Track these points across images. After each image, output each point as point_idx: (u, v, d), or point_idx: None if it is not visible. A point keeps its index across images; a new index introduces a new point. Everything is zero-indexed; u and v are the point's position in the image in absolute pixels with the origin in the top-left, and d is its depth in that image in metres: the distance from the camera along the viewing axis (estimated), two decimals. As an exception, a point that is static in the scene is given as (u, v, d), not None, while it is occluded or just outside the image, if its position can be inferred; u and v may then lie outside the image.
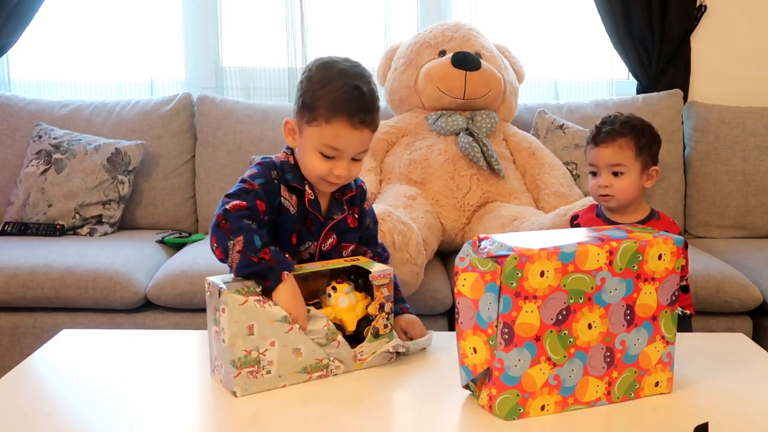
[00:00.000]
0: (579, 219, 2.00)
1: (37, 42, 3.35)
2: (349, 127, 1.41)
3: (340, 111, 1.41)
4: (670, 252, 1.26)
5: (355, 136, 1.43)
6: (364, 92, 1.43)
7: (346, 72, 1.45)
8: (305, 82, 1.46)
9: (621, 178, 1.83)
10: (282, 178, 1.48)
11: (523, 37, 3.32)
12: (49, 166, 2.93)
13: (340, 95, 1.41)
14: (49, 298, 2.48)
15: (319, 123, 1.42)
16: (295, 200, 1.49)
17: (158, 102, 3.17)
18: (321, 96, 1.42)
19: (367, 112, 1.43)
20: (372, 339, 1.39)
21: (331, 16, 3.35)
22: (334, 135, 1.42)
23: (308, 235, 1.51)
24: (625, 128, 1.83)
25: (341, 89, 1.41)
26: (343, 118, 1.41)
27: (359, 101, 1.42)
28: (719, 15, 3.27)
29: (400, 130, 2.89)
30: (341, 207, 1.54)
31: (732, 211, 3.06)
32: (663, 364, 1.30)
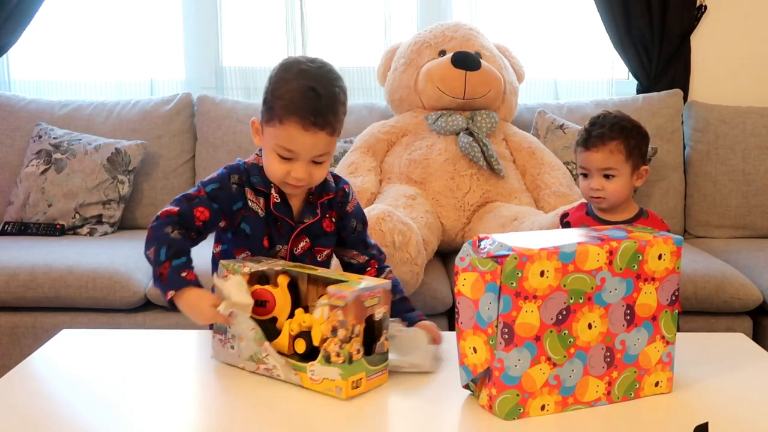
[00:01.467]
0: (569, 217, 2.01)
1: (37, 42, 3.35)
2: (301, 129, 1.38)
3: (292, 112, 1.38)
4: (670, 252, 1.26)
5: (308, 138, 1.39)
6: (320, 94, 1.40)
7: (306, 73, 1.42)
8: (267, 82, 1.46)
9: (612, 180, 1.83)
10: (247, 181, 1.48)
11: (523, 36, 3.32)
12: (49, 166, 2.93)
13: (294, 96, 1.39)
14: (49, 297, 2.48)
15: (275, 123, 1.41)
16: (263, 203, 1.49)
17: (158, 102, 3.17)
18: (278, 96, 1.41)
19: (320, 115, 1.39)
20: (323, 362, 1.25)
21: (331, 15, 3.36)
22: (287, 136, 1.40)
23: (278, 238, 1.50)
24: (615, 131, 1.83)
25: (296, 90, 1.39)
26: (294, 119, 1.38)
27: (313, 103, 1.39)
28: (719, 15, 3.27)
29: (400, 129, 2.89)
30: (314, 210, 1.52)
31: (732, 211, 3.05)
32: (663, 364, 1.30)
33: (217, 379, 1.37)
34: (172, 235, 1.41)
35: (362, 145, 2.85)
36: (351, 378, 1.25)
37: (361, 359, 1.26)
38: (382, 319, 1.28)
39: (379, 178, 2.81)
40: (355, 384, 1.26)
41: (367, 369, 1.27)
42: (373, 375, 1.28)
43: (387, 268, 1.62)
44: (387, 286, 1.30)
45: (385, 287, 1.29)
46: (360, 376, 1.26)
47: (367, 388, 1.28)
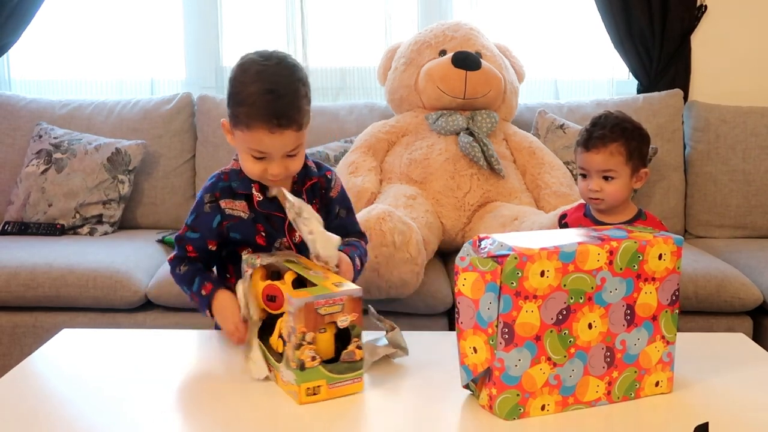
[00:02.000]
0: (567, 218, 2.00)
1: (37, 41, 3.35)
2: (267, 132, 1.40)
3: (256, 118, 1.40)
4: (670, 252, 1.26)
5: (276, 139, 1.41)
6: (280, 95, 1.40)
7: (263, 74, 1.42)
8: (229, 84, 1.47)
9: (611, 182, 1.82)
10: (223, 194, 1.52)
11: (524, 36, 3.32)
12: (49, 166, 2.93)
13: (255, 101, 1.40)
14: (50, 297, 2.48)
15: (242, 128, 1.43)
16: (245, 205, 1.52)
17: (159, 101, 3.17)
18: (239, 102, 1.42)
19: (283, 116, 1.39)
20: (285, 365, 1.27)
21: (332, 15, 3.36)
22: (256, 140, 1.42)
23: (274, 232, 1.53)
24: (616, 133, 1.82)
25: (255, 95, 1.40)
26: (259, 124, 1.40)
27: (274, 106, 1.39)
28: (719, 15, 3.27)
29: (401, 129, 2.89)
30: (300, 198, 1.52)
31: (732, 211, 3.05)
32: (663, 364, 1.30)
33: (218, 379, 1.37)
34: (181, 272, 1.56)
35: (362, 145, 2.84)
36: (304, 384, 1.24)
37: (317, 367, 1.24)
38: (350, 327, 1.25)
39: (379, 177, 2.81)
40: (311, 391, 1.25)
41: (327, 377, 1.25)
42: (338, 383, 1.26)
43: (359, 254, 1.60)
44: (355, 293, 1.25)
45: (352, 294, 1.25)
46: (317, 383, 1.25)
47: (330, 396, 1.26)
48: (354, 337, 1.26)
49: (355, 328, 1.25)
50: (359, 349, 1.27)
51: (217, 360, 1.49)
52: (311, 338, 1.23)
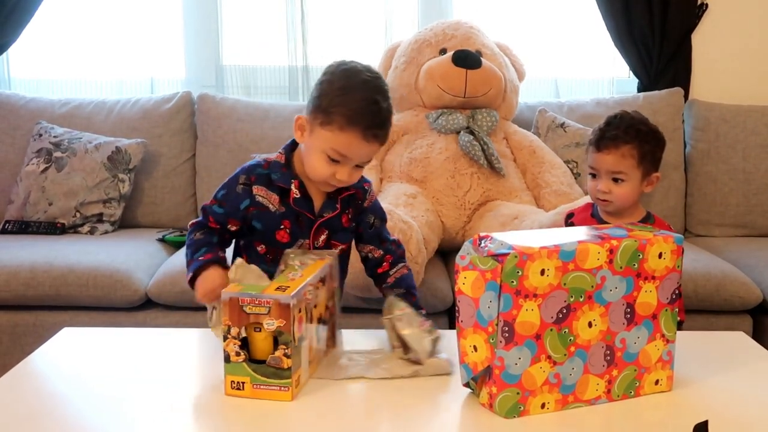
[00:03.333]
0: (574, 218, 1.98)
1: (37, 40, 3.35)
2: (362, 139, 1.43)
3: (356, 122, 1.42)
4: (670, 250, 1.26)
5: (365, 148, 1.45)
6: (382, 108, 1.45)
7: (368, 84, 1.46)
8: (325, 84, 1.47)
9: (621, 185, 1.79)
10: (258, 180, 1.53)
11: (524, 35, 3.32)
12: (49, 165, 2.93)
13: (359, 107, 1.43)
14: (50, 296, 2.48)
15: (333, 129, 1.44)
16: (277, 199, 1.52)
17: (159, 100, 3.17)
18: (340, 103, 1.43)
19: (381, 128, 1.45)
20: None
21: (332, 14, 3.35)
22: (346, 144, 1.44)
23: (299, 232, 1.54)
24: (630, 134, 1.77)
25: (362, 101, 1.43)
26: (358, 129, 1.43)
27: (377, 116, 1.44)
28: (720, 13, 3.26)
29: (401, 128, 2.89)
30: (334, 205, 1.55)
31: (732, 210, 3.05)
32: (663, 363, 1.30)
33: (218, 377, 1.37)
34: (196, 237, 1.54)
35: (363, 144, 2.84)
36: (229, 377, 1.26)
37: (242, 363, 1.25)
38: (278, 333, 1.23)
39: (379, 176, 2.81)
40: (235, 385, 1.26)
41: (251, 375, 1.25)
42: (262, 385, 1.25)
43: (401, 263, 1.64)
44: (283, 300, 1.22)
45: (280, 300, 1.22)
46: (241, 379, 1.26)
47: (254, 395, 1.25)
48: (282, 344, 1.23)
49: (283, 335, 1.23)
50: (287, 357, 1.24)
51: (217, 359, 1.49)
52: (236, 333, 1.24)
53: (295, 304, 1.24)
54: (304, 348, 1.30)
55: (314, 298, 1.34)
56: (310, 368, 1.35)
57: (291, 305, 1.22)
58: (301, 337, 1.27)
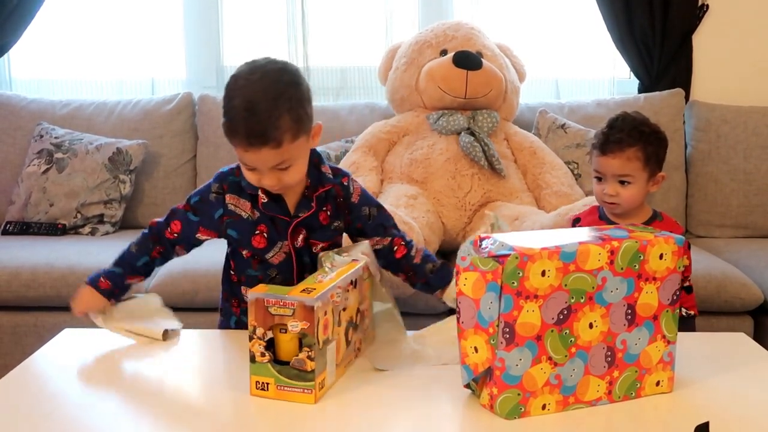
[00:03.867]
0: (581, 222, 1.97)
1: (38, 41, 3.36)
2: (247, 147, 1.39)
3: (232, 135, 1.40)
4: (671, 251, 1.26)
5: (252, 155, 1.40)
6: (258, 112, 1.36)
7: (245, 89, 1.40)
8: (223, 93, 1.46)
9: (627, 187, 1.79)
10: (231, 188, 1.52)
11: (525, 36, 3.32)
12: (50, 166, 2.94)
13: (232, 117, 1.39)
14: (51, 297, 2.48)
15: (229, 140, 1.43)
16: (249, 205, 1.52)
17: (159, 101, 3.17)
18: (223, 114, 1.42)
19: (256, 135, 1.37)
20: None
21: (333, 14, 3.36)
22: (239, 154, 1.43)
23: (276, 235, 1.53)
24: (634, 137, 1.77)
25: (234, 110, 1.39)
26: (236, 142, 1.40)
27: (248, 124, 1.37)
28: (721, 14, 3.26)
29: (402, 129, 2.89)
30: (309, 204, 1.53)
31: (733, 211, 3.05)
32: (664, 364, 1.30)
33: (220, 378, 1.37)
34: (132, 249, 1.62)
35: (363, 145, 2.85)
36: (254, 377, 1.26)
37: (266, 364, 1.24)
38: (302, 335, 1.22)
39: (380, 177, 2.81)
40: (260, 385, 1.26)
41: (275, 377, 1.25)
42: (286, 387, 1.24)
43: (412, 243, 1.64)
44: (308, 302, 1.21)
45: (304, 302, 1.21)
46: (265, 380, 1.25)
47: (278, 396, 1.25)
48: (305, 346, 1.22)
49: (307, 337, 1.22)
50: (310, 359, 1.23)
51: (218, 359, 1.49)
52: (261, 333, 1.24)
53: (320, 307, 1.23)
54: (330, 351, 1.28)
55: (343, 301, 1.33)
56: (338, 371, 1.33)
57: (315, 307, 1.21)
58: (326, 339, 1.26)
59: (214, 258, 2.56)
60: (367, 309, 1.46)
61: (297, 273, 1.55)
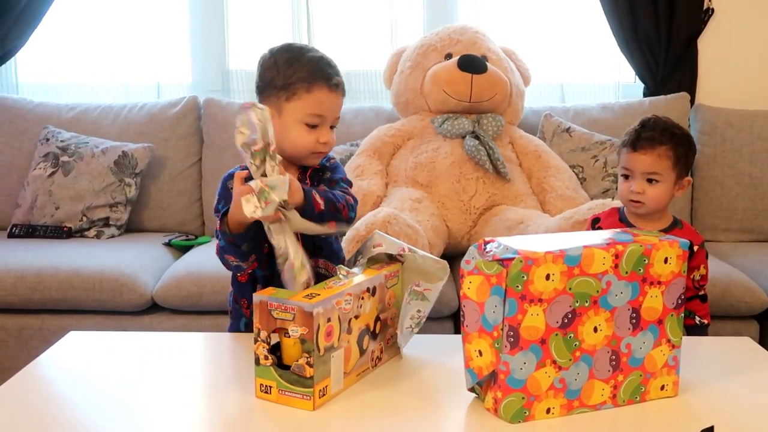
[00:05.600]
0: (601, 222, 1.96)
1: (44, 45, 3.37)
2: (328, 91, 1.51)
3: (317, 78, 1.50)
4: (676, 255, 1.26)
5: (334, 99, 1.53)
6: (331, 62, 1.54)
7: (306, 48, 1.56)
8: (270, 68, 1.54)
9: (655, 186, 1.79)
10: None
11: (530, 40, 3.32)
12: (56, 169, 2.95)
13: (313, 65, 1.51)
14: (56, 300, 2.49)
15: (300, 95, 1.50)
16: None
17: (165, 105, 3.18)
18: (294, 72, 1.51)
19: (339, 76, 1.54)
20: None
21: (338, 19, 3.36)
22: (317, 102, 1.50)
23: None
24: (666, 136, 1.78)
25: (312, 61, 1.52)
26: (321, 83, 1.50)
27: (331, 68, 1.53)
28: (726, 18, 3.26)
29: (407, 133, 2.89)
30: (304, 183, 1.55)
31: (739, 215, 3.05)
32: (669, 368, 1.29)
33: (224, 381, 1.37)
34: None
35: (368, 148, 2.85)
36: (258, 379, 1.26)
37: (269, 367, 1.24)
38: (302, 340, 1.21)
39: (385, 181, 2.81)
40: (264, 388, 1.26)
41: (278, 381, 1.24)
42: (287, 392, 1.24)
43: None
44: (310, 308, 1.20)
45: (303, 308, 1.20)
46: (268, 383, 1.25)
47: (280, 401, 1.24)
48: (305, 352, 1.22)
49: (306, 343, 1.21)
50: (309, 366, 1.22)
51: (223, 363, 1.49)
52: (264, 336, 1.24)
53: (321, 313, 1.22)
54: (336, 359, 1.27)
55: (355, 309, 1.32)
56: (348, 379, 1.32)
57: (314, 313, 1.20)
58: (330, 347, 1.25)
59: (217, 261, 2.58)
60: (391, 318, 1.44)
61: None
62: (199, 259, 2.64)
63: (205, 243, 2.90)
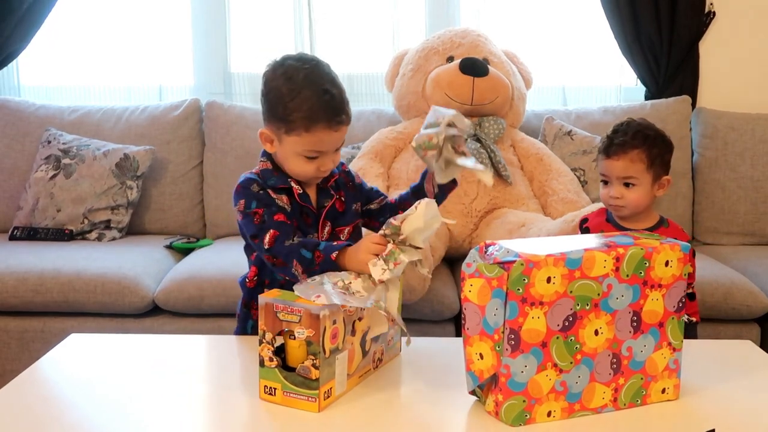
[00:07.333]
0: (588, 223, 2.00)
1: (46, 47, 3.37)
2: (328, 130, 1.47)
3: (317, 120, 1.46)
4: (676, 258, 1.26)
5: (335, 135, 1.49)
6: (335, 94, 1.47)
7: (311, 76, 1.47)
8: (273, 93, 1.50)
9: (632, 189, 1.82)
10: (265, 185, 1.53)
11: (531, 43, 3.32)
12: (58, 171, 2.95)
13: (313, 104, 1.45)
14: (58, 302, 2.49)
15: (299, 133, 1.47)
16: (286, 199, 1.54)
17: (167, 107, 3.18)
18: (295, 108, 1.46)
19: (342, 113, 1.48)
20: None
21: (340, 21, 3.37)
22: (316, 141, 1.47)
23: (306, 227, 1.56)
24: (638, 139, 1.81)
25: (313, 98, 1.45)
26: (321, 125, 1.46)
27: (332, 105, 1.46)
28: (728, 21, 3.26)
29: (408, 135, 2.89)
30: (329, 193, 1.59)
31: (740, 218, 3.05)
32: (670, 371, 1.29)
33: (227, 383, 1.37)
34: (294, 243, 1.45)
35: (370, 151, 2.85)
36: (263, 381, 1.27)
37: (274, 369, 1.25)
38: (307, 342, 1.21)
39: (386, 184, 2.81)
40: (268, 389, 1.26)
41: (282, 383, 1.25)
42: (292, 393, 1.24)
43: None
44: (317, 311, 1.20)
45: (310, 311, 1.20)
46: (273, 385, 1.26)
47: (284, 402, 1.25)
48: (310, 354, 1.22)
49: (312, 345, 1.21)
50: (315, 368, 1.22)
51: (225, 365, 1.49)
52: (270, 338, 1.24)
53: (327, 315, 1.22)
54: (341, 361, 1.27)
55: (358, 311, 1.31)
56: (351, 381, 1.32)
57: (321, 316, 1.20)
58: (335, 349, 1.26)
59: (219, 264, 2.59)
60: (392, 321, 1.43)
61: None
62: (201, 261, 2.64)
63: (207, 245, 2.90)
